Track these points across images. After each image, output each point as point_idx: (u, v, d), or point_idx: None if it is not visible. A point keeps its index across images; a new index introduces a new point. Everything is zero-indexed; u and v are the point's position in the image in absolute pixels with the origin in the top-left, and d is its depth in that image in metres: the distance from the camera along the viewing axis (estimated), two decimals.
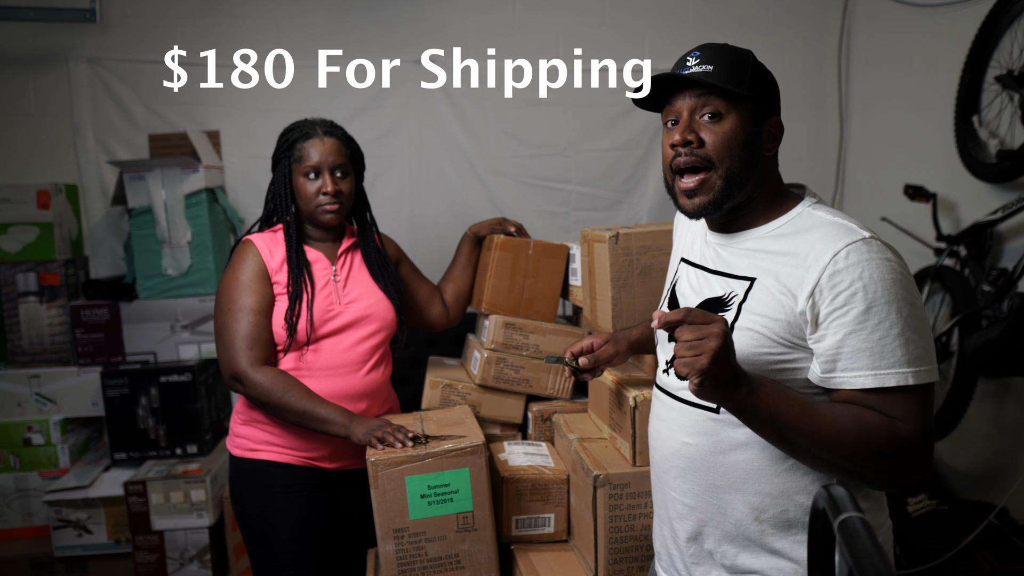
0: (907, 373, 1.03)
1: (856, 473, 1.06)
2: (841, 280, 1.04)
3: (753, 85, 1.14)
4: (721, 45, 1.16)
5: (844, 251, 1.05)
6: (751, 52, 1.17)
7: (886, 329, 1.03)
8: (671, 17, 3.25)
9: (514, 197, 3.21)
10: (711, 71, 1.12)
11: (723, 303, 1.16)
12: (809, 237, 1.10)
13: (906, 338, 1.03)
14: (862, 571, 0.68)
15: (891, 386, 1.03)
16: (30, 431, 2.72)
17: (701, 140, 1.13)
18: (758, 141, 1.15)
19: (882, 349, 1.03)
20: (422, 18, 3.12)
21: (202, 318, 2.77)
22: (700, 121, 1.14)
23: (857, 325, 1.03)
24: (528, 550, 1.72)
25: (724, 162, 1.13)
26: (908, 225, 2.81)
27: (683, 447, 1.20)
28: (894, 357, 1.03)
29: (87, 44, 2.95)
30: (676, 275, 1.32)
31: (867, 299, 1.03)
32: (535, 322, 2.01)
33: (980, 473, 2.66)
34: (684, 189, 1.16)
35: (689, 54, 1.16)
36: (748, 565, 1.16)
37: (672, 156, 1.16)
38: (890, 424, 1.03)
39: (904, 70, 2.99)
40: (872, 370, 1.04)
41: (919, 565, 2.23)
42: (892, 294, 1.03)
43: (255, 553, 1.80)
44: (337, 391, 1.76)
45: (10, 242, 2.72)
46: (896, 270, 1.05)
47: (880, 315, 1.03)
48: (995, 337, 2.19)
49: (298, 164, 1.79)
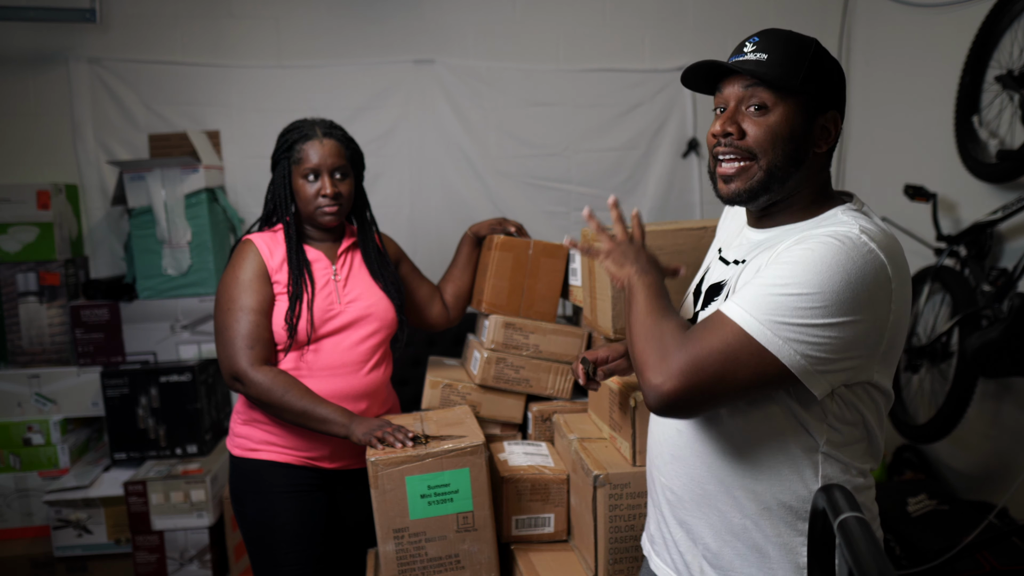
0: (750, 318, 1.00)
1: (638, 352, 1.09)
2: (785, 250, 1.04)
3: (809, 77, 1.08)
4: (784, 32, 1.12)
5: (814, 234, 1.04)
6: (815, 41, 1.11)
7: (775, 289, 1.00)
8: (671, 17, 3.25)
9: (514, 197, 3.21)
10: (764, 60, 1.08)
11: (720, 288, 1.17)
12: (810, 226, 1.10)
13: (779, 302, 0.99)
14: (862, 571, 0.68)
15: (725, 312, 1.03)
16: (30, 431, 2.72)
17: (743, 131, 1.10)
18: (808, 136, 1.10)
19: (751, 294, 1.02)
20: (422, 18, 3.13)
21: (202, 318, 2.77)
22: (746, 112, 1.10)
23: (756, 275, 1.05)
24: (528, 550, 1.72)
25: (767, 154, 1.09)
26: (908, 225, 2.81)
27: (675, 435, 1.20)
28: (755, 303, 1.01)
29: (87, 44, 2.95)
30: (707, 267, 1.31)
31: (786, 256, 1.03)
32: (535, 322, 2.00)
33: (980, 473, 2.66)
34: (723, 174, 1.14)
35: (748, 39, 1.12)
36: (728, 560, 1.15)
37: (714, 143, 1.14)
38: (682, 327, 1.07)
39: (904, 70, 2.99)
40: (733, 302, 1.03)
41: (919, 565, 2.23)
42: (816, 269, 0.99)
43: (255, 553, 1.80)
44: (337, 391, 1.76)
45: (10, 242, 2.72)
46: (845, 264, 0.99)
47: (783, 279, 1.00)
48: (995, 337, 2.19)
49: (297, 166, 1.79)
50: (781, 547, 1.12)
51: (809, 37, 1.12)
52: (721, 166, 1.14)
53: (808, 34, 1.15)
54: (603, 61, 3.23)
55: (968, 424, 2.51)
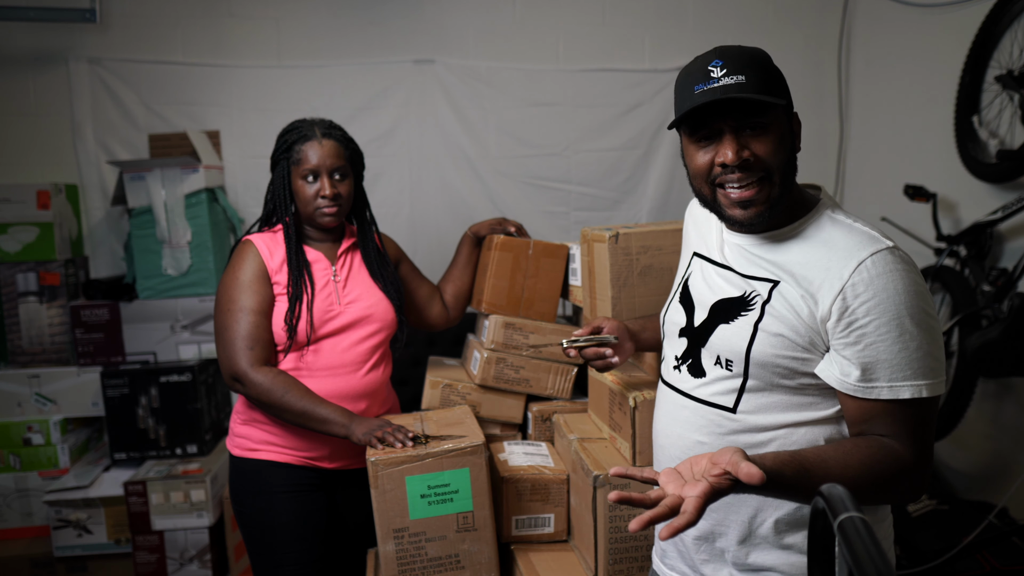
0: (921, 386, 1.04)
1: (866, 500, 1.07)
2: (865, 290, 1.04)
3: (781, 87, 1.11)
4: (737, 49, 1.10)
5: (869, 260, 1.05)
6: (764, 51, 1.13)
7: (906, 342, 1.03)
8: (671, 17, 3.25)
9: (514, 197, 3.21)
10: (745, 83, 1.06)
11: (744, 303, 1.15)
12: (833, 243, 1.10)
13: (924, 351, 1.04)
14: (862, 571, 0.68)
15: (904, 398, 1.04)
16: (30, 431, 2.72)
17: (756, 156, 1.09)
18: (793, 141, 1.14)
19: (900, 362, 1.04)
20: (422, 18, 3.12)
21: (202, 318, 2.77)
22: (746, 135, 1.10)
23: (878, 336, 1.04)
24: (528, 550, 1.73)
25: (778, 170, 1.10)
26: (908, 225, 2.81)
27: (697, 446, 1.19)
28: (911, 370, 1.04)
29: (87, 44, 2.95)
30: (689, 270, 1.30)
31: (890, 311, 1.03)
32: (535, 322, 2.00)
33: (980, 473, 2.65)
34: (739, 200, 1.11)
35: (711, 64, 1.08)
36: (760, 562, 1.16)
37: (718, 172, 1.11)
38: (893, 456, 1.05)
39: (904, 70, 2.99)
40: (888, 382, 1.04)
41: (919, 565, 2.23)
42: (914, 307, 1.04)
43: (255, 553, 1.80)
44: (337, 391, 1.76)
45: (10, 242, 2.72)
46: (917, 282, 1.05)
47: (901, 327, 1.03)
48: (995, 337, 2.18)
49: (296, 167, 1.79)
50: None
51: (757, 48, 1.13)
52: (732, 193, 1.11)
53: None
54: (603, 61, 3.22)
55: (968, 424, 2.51)
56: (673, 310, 1.29)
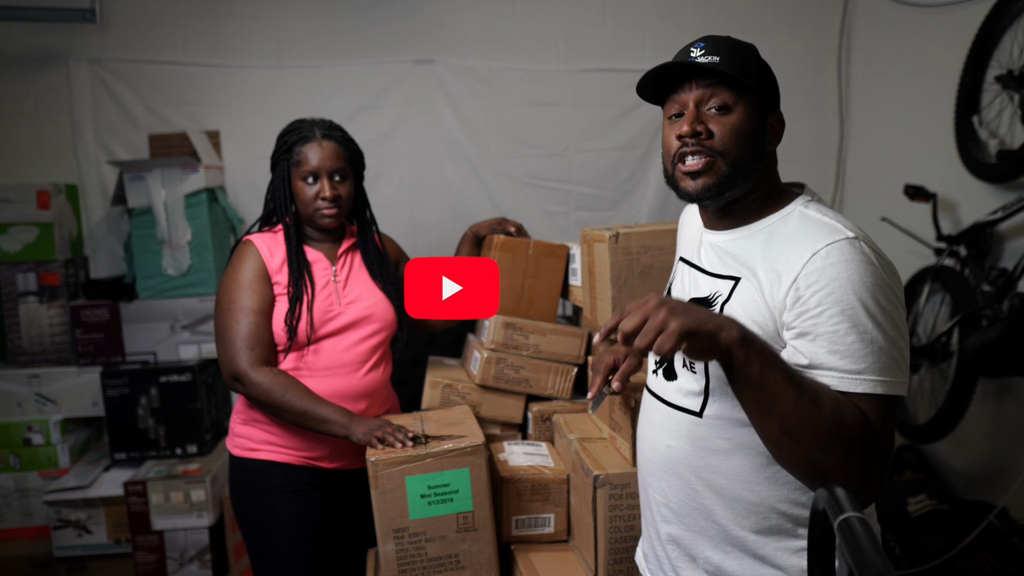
0: (876, 382, 1.00)
1: (819, 463, 0.99)
2: (817, 279, 1.02)
3: (759, 77, 1.12)
4: (724, 37, 1.14)
5: (824, 250, 1.03)
6: (754, 46, 1.15)
7: (859, 334, 1.00)
8: (671, 17, 3.25)
9: (514, 197, 3.21)
10: (718, 62, 1.09)
11: (708, 303, 1.15)
12: (796, 235, 1.09)
13: (879, 346, 1.00)
14: (862, 571, 0.68)
15: (856, 393, 1.01)
16: (30, 431, 2.72)
17: (710, 132, 1.11)
18: (763, 135, 1.14)
19: (853, 355, 1.00)
20: (422, 18, 3.13)
21: (202, 318, 2.77)
22: (707, 113, 1.12)
23: (830, 327, 1.01)
24: (528, 550, 1.72)
25: (731, 152, 1.10)
26: (908, 225, 2.81)
27: (667, 450, 1.19)
28: (864, 364, 1.00)
29: (87, 44, 2.95)
30: (674, 275, 1.31)
31: (842, 301, 1.00)
32: (535, 322, 2.00)
33: (980, 473, 2.65)
34: (689, 171, 1.12)
35: (692, 45, 1.13)
36: (732, 571, 1.15)
37: (678, 147, 1.13)
38: (863, 415, 1.00)
39: (904, 70, 2.99)
40: (840, 373, 1.01)
41: (919, 565, 2.23)
42: (870, 299, 1.00)
43: (255, 553, 1.80)
44: (337, 391, 1.76)
45: (10, 242, 2.72)
46: (876, 274, 1.02)
47: (854, 320, 1.00)
48: (995, 337, 2.19)
49: (296, 168, 1.79)
50: (783, 551, 1.12)
51: (748, 42, 1.15)
52: (685, 163, 1.13)
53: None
54: (603, 61, 3.23)
55: (968, 424, 2.51)
56: None
